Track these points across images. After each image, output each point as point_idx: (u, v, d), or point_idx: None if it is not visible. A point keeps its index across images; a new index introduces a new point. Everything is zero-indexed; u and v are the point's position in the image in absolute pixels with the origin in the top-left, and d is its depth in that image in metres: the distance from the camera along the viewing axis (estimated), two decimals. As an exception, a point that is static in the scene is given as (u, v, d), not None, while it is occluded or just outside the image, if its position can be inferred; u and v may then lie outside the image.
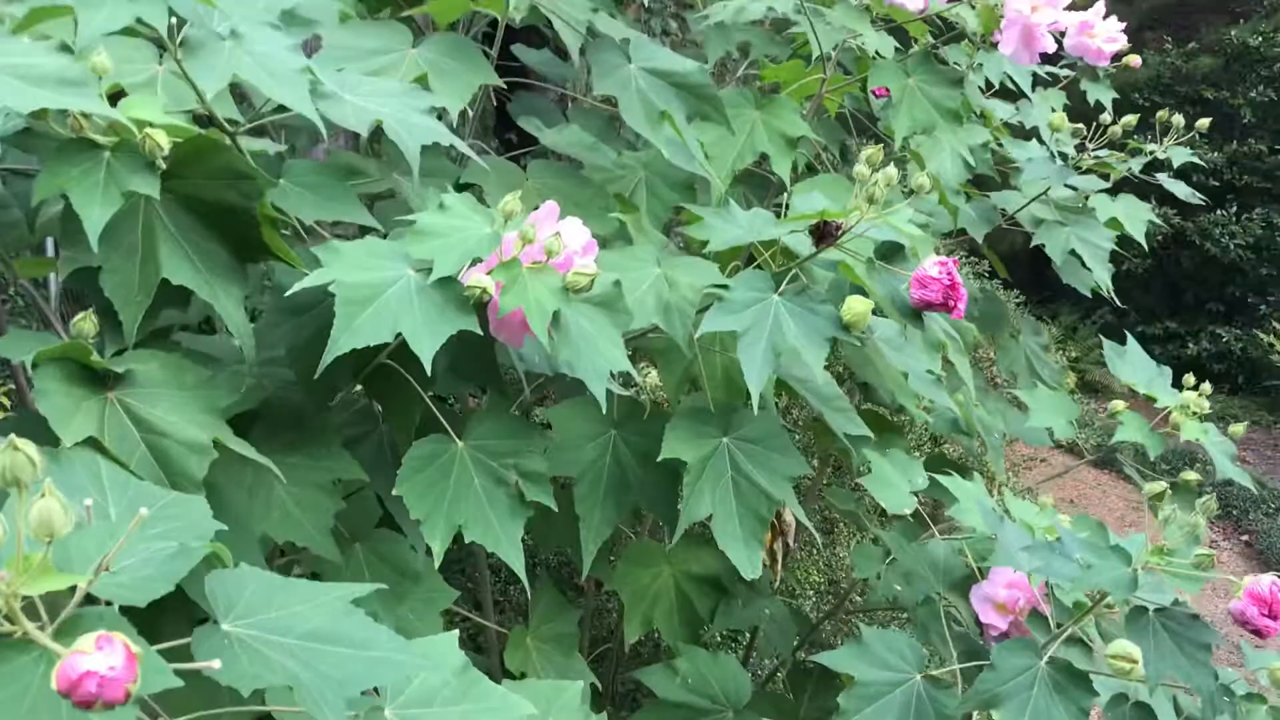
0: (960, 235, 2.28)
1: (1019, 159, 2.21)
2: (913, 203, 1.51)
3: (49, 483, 0.67)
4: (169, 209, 1.09)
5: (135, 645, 0.64)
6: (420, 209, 1.29)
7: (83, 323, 1.06)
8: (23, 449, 0.66)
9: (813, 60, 1.97)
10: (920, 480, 1.88)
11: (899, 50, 2.13)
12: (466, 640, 2.68)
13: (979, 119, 2.14)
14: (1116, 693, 1.42)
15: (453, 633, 0.96)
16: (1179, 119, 2.34)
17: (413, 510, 1.17)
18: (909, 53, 1.95)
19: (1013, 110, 2.38)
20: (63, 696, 0.62)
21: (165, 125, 1.02)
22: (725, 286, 1.41)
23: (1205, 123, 2.36)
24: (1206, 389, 1.96)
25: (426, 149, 1.25)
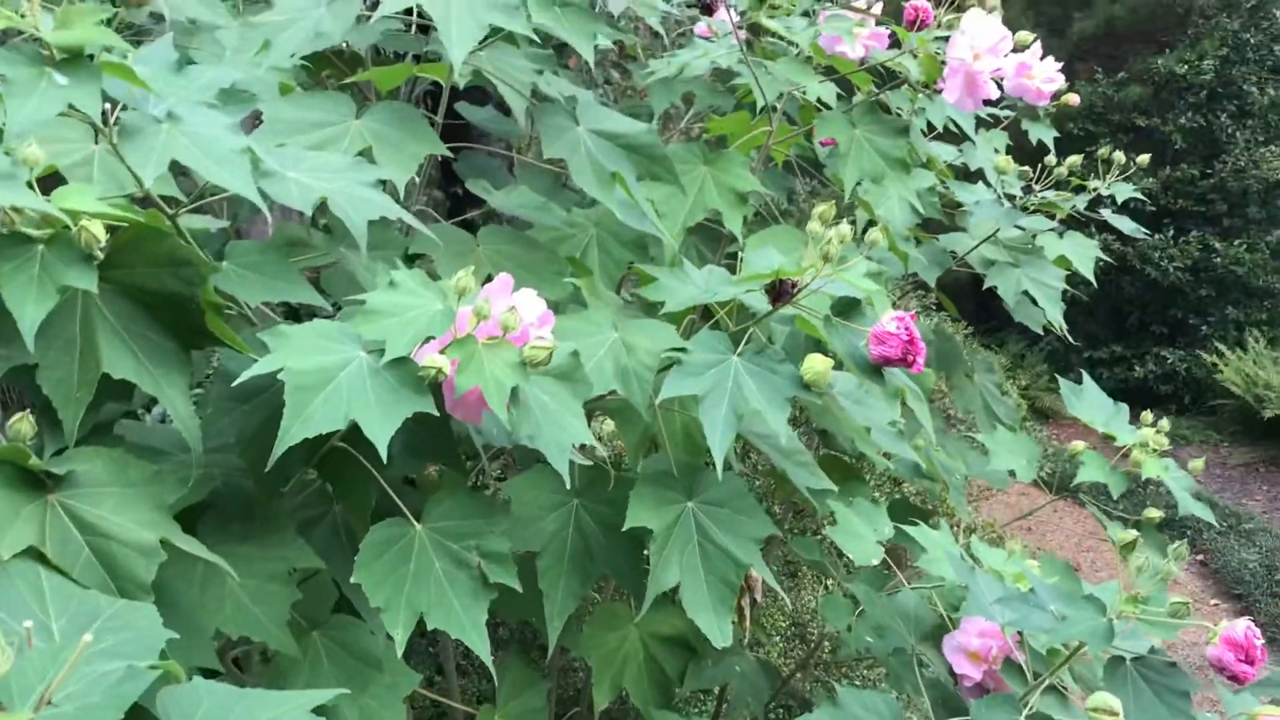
0: (911, 275, 2.29)
1: (967, 202, 2.22)
2: (867, 251, 1.51)
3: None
4: (108, 299, 1.05)
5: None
6: (369, 285, 1.26)
7: (20, 424, 1.01)
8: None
9: (758, 111, 1.98)
10: (886, 529, 1.87)
11: (843, 97, 2.14)
12: None
13: (925, 164, 2.15)
14: (1098, 745, 1.40)
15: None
16: (1119, 155, 2.37)
17: (372, 598, 1.13)
18: (854, 103, 1.96)
19: (956, 152, 2.40)
20: None
21: (100, 214, 0.99)
22: (684, 349, 1.39)
23: (1145, 159, 2.40)
24: (1165, 425, 1.97)
25: (374, 221, 1.22)
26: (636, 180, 1.58)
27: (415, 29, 1.82)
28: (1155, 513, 1.95)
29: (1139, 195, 2.44)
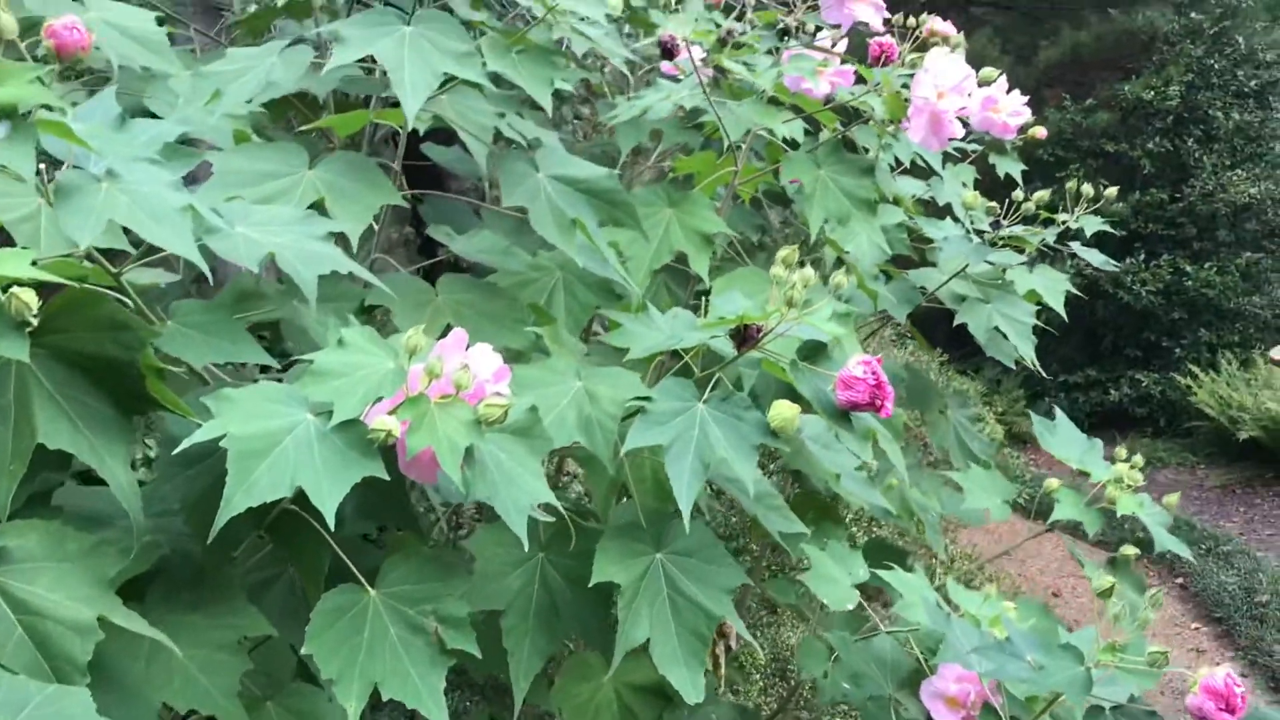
0: (883, 310, 2.27)
1: (935, 238, 2.21)
2: (832, 293, 1.49)
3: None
4: (45, 365, 1.01)
5: None
6: (321, 340, 1.23)
7: (-51, 498, 0.97)
8: None
9: (725, 149, 1.96)
10: (861, 572, 1.84)
11: (810, 133, 2.12)
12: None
13: (894, 201, 2.14)
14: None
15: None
16: (1088, 188, 2.36)
17: (324, 669, 1.09)
18: (819, 142, 1.95)
19: (924, 186, 2.39)
20: None
21: (34, 279, 0.95)
22: (648, 398, 1.36)
23: (1113, 191, 2.38)
24: (1139, 461, 1.95)
25: (327, 273, 1.18)
26: (599, 226, 1.56)
27: (379, 71, 1.79)
28: (1131, 550, 1.93)
29: (1107, 228, 2.43)
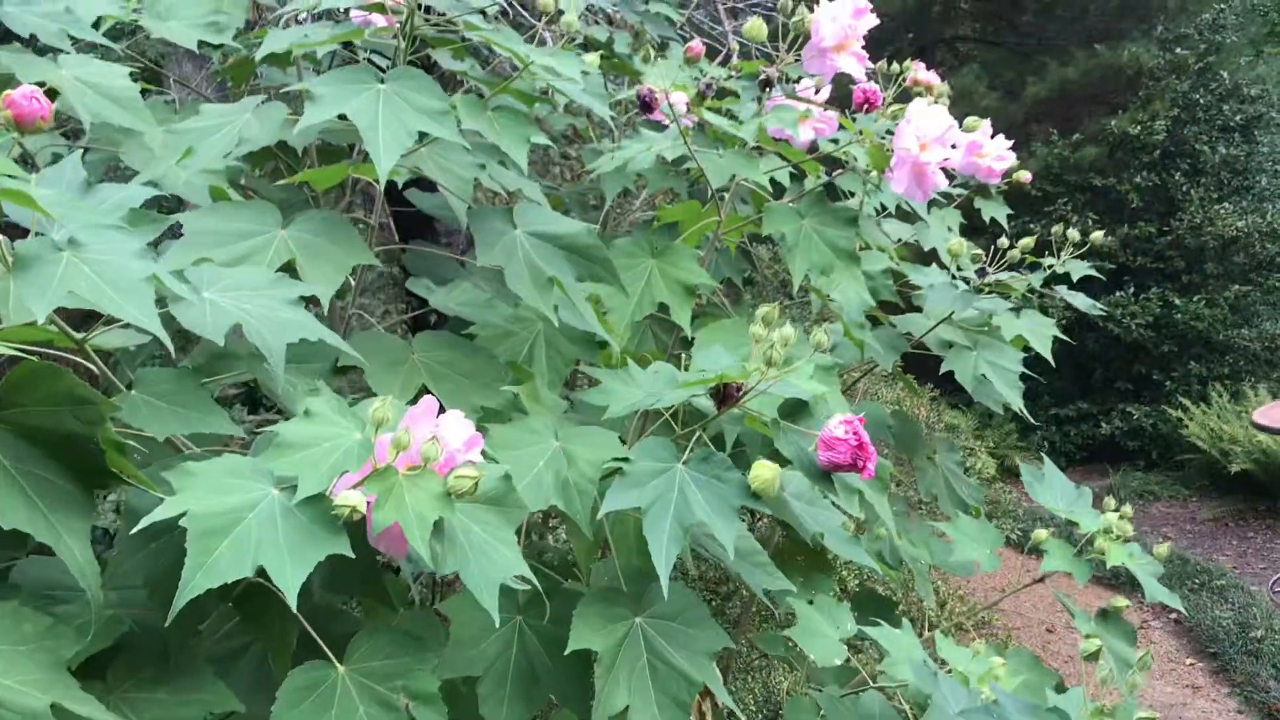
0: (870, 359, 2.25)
1: (921, 285, 2.19)
2: (813, 351, 1.47)
3: None
4: (1, 440, 0.99)
5: None
6: (290, 406, 1.20)
7: (-101, 581, 0.95)
8: None
9: (709, 197, 1.94)
10: (849, 627, 1.82)
11: (796, 178, 2.11)
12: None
13: (879, 248, 2.13)
14: None
15: None
16: (1074, 233, 2.35)
17: (291, 750, 1.06)
18: (803, 192, 1.93)
19: (910, 230, 2.38)
20: None
21: (-11, 355, 0.93)
22: (626, 459, 1.34)
23: (1099, 235, 2.38)
24: (1128, 511, 1.93)
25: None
26: (577, 280, 1.54)
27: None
28: (1122, 601, 1.90)
29: (1094, 273, 2.43)
